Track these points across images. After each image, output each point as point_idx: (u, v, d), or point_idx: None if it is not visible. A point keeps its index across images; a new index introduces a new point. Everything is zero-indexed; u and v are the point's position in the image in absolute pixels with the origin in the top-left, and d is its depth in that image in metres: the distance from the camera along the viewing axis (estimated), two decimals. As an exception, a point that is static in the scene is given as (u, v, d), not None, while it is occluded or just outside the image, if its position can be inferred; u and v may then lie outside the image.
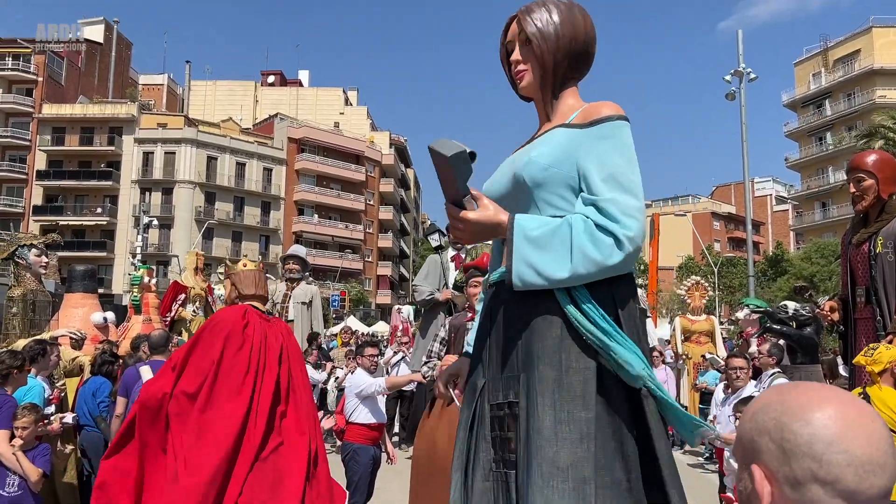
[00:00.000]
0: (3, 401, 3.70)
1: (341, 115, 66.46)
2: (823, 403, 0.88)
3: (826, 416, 0.87)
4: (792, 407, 0.89)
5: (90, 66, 57.86)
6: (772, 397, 0.93)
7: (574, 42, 1.94)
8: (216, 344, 3.29)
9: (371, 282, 61.97)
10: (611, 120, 1.80)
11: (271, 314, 3.79)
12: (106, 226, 51.09)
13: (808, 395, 0.90)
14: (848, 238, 4.31)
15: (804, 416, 0.88)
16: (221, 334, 3.33)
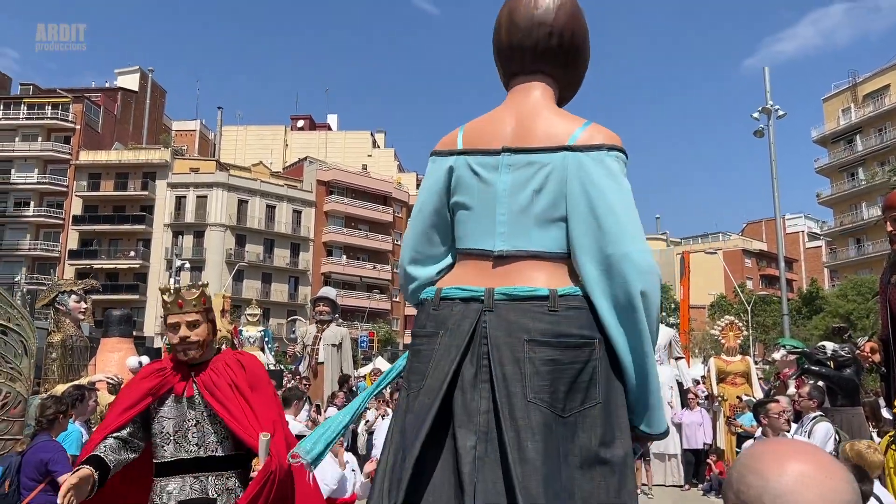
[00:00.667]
0: (54, 448, 3.75)
1: (369, 158, 67.35)
2: (785, 458, 0.88)
3: (782, 470, 0.86)
4: (756, 460, 0.90)
5: (125, 113, 59.60)
6: (748, 450, 0.94)
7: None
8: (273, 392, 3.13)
9: (399, 322, 61.94)
10: None
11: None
12: (139, 269, 51.92)
13: (775, 450, 0.90)
14: (886, 277, 4.24)
15: (761, 470, 0.88)
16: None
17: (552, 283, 1.72)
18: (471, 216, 1.83)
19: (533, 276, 1.73)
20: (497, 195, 1.78)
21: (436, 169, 1.89)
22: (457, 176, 1.85)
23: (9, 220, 51.87)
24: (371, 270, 59.59)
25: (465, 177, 1.84)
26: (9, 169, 52.39)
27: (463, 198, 1.84)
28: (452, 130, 1.92)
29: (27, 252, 51.35)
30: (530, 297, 1.69)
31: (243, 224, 53.36)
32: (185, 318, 2.84)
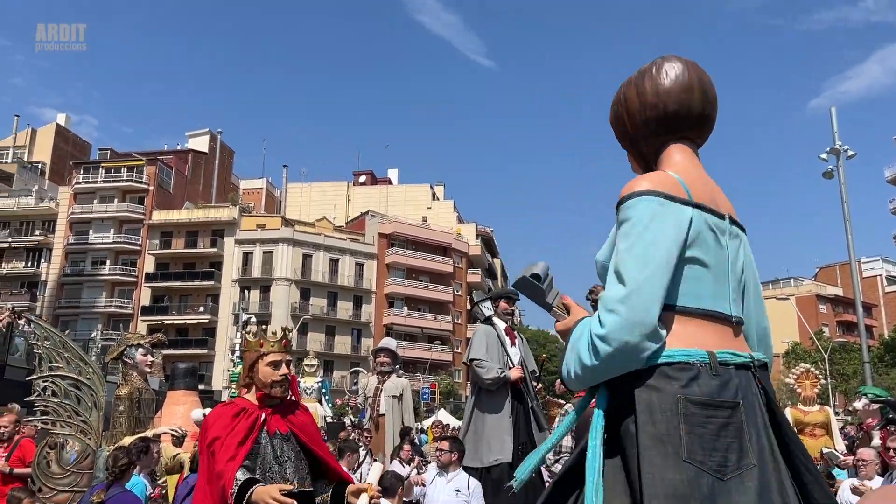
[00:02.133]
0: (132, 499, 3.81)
1: (429, 210, 68.10)
2: None
3: None
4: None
5: (196, 173, 62.15)
6: (869, 499, 0.92)
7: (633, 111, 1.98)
8: None
9: (461, 373, 61.48)
10: (625, 201, 1.75)
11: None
12: (207, 324, 53.25)
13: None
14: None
15: None
16: None
17: None
18: (709, 275, 1.74)
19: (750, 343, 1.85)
20: (728, 260, 1.79)
21: (674, 214, 1.70)
22: (695, 229, 1.73)
23: (87, 279, 54.20)
24: (432, 321, 59.61)
25: (704, 232, 1.75)
26: (87, 230, 55.03)
27: (700, 254, 1.73)
28: (657, 172, 1.82)
29: (103, 309, 53.39)
30: (766, 364, 1.79)
31: (307, 278, 54.34)
32: (286, 356, 3.10)
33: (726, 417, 1.59)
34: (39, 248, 55.23)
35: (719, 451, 1.56)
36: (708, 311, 1.72)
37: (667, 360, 1.64)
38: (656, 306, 1.63)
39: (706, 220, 1.75)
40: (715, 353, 1.65)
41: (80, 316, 53.20)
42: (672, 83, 1.86)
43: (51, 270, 54.49)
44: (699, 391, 1.60)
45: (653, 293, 1.63)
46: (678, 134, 1.90)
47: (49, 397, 5.39)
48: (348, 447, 6.36)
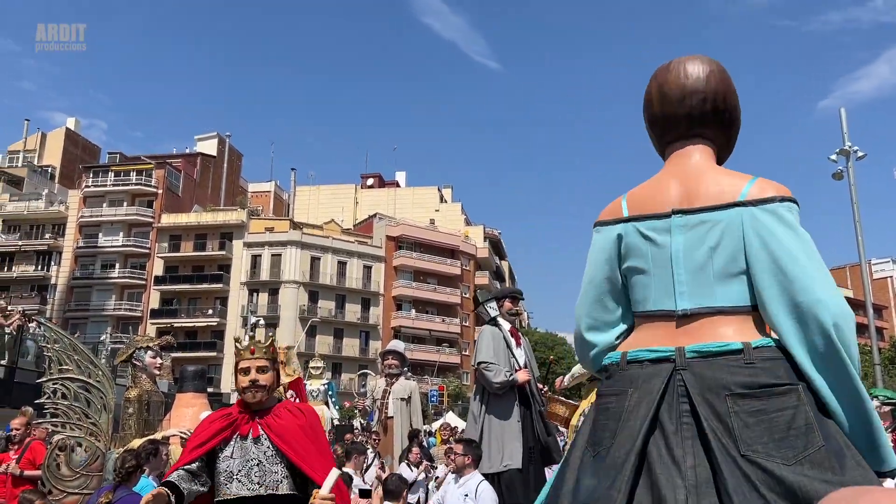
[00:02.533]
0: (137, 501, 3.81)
1: (436, 212, 68.16)
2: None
3: None
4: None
5: (204, 177, 62.42)
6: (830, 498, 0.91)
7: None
8: None
9: (469, 376, 61.45)
10: None
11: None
12: (216, 326, 53.42)
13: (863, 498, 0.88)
14: None
15: None
16: None
17: (743, 336, 1.74)
18: (648, 279, 1.88)
19: (721, 331, 1.76)
20: (672, 256, 1.84)
21: (602, 238, 1.97)
22: (626, 243, 1.92)
23: (96, 282, 54.50)
24: (440, 324, 59.62)
25: (635, 242, 1.91)
26: (96, 233, 55.34)
27: (636, 262, 1.90)
28: (613, 200, 2.01)
29: (112, 312, 53.64)
30: (723, 352, 1.72)
31: (316, 280, 54.45)
32: (256, 363, 3.11)
33: (608, 403, 1.81)
34: (49, 252, 55.56)
35: (599, 430, 1.79)
36: (648, 311, 1.88)
37: (603, 364, 1.96)
38: (583, 321, 2.01)
39: (637, 229, 1.91)
40: (627, 353, 1.86)
41: (90, 319, 53.48)
42: (644, 101, 2.07)
43: (60, 273, 54.81)
44: (603, 387, 1.89)
45: (581, 310, 2.02)
46: (665, 139, 2.04)
47: (59, 400, 5.42)
48: (355, 449, 6.36)
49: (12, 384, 14.25)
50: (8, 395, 13.55)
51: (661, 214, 1.88)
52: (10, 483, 6.60)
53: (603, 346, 1.98)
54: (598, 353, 1.99)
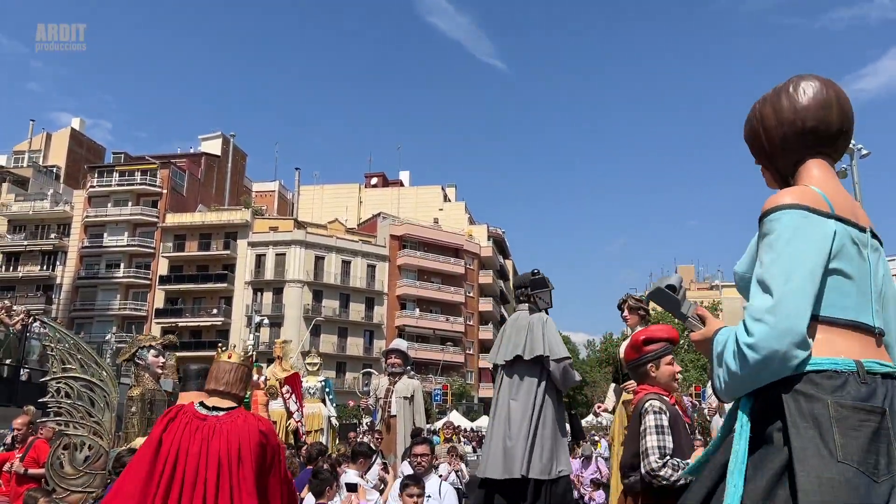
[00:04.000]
0: None
1: (440, 212, 68.20)
2: None
3: None
4: None
5: (209, 176, 62.52)
6: None
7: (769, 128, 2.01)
8: None
9: (473, 375, 61.46)
10: (768, 214, 1.79)
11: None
12: (221, 326, 53.53)
13: None
14: None
15: None
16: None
17: None
18: (853, 286, 1.77)
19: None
20: (870, 272, 1.81)
21: (819, 227, 1.75)
22: (840, 242, 1.78)
23: (101, 281, 54.66)
24: (444, 323, 59.64)
25: (847, 245, 1.79)
26: (101, 233, 55.49)
27: (844, 266, 1.77)
28: (802, 188, 1.85)
29: (117, 312, 53.81)
30: None
31: (320, 280, 54.53)
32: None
33: (877, 423, 1.62)
34: (54, 252, 55.73)
35: (872, 454, 1.60)
36: (852, 321, 1.75)
37: (815, 368, 1.68)
38: (804, 316, 1.68)
39: (849, 232, 1.79)
40: (862, 362, 1.69)
41: (95, 318, 53.64)
42: (810, 101, 1.91)
43: (66, 273, 54.98)
44: (850, 397, 1.64)
45: (799, 303, 1.68)
46: (815, 149, 1.93)
47: (62, 398, 5.44)
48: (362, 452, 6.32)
49: (17, 383, 14.31)
50: (13, 394, 13.61)
51: (861, 227, 1.83)
52: (15, 481, 6.63)
53: (810, 349, 1.71)
54: (806, 359, 1.69)
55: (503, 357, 5.45)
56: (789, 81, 1.96)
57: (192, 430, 3.20)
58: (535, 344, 5.21)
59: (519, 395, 5.31)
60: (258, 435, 3.24)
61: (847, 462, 1.59)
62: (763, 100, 2.00)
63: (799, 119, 1.90)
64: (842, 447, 1.60)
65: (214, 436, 3.19)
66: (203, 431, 3.20)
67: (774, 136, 1.96)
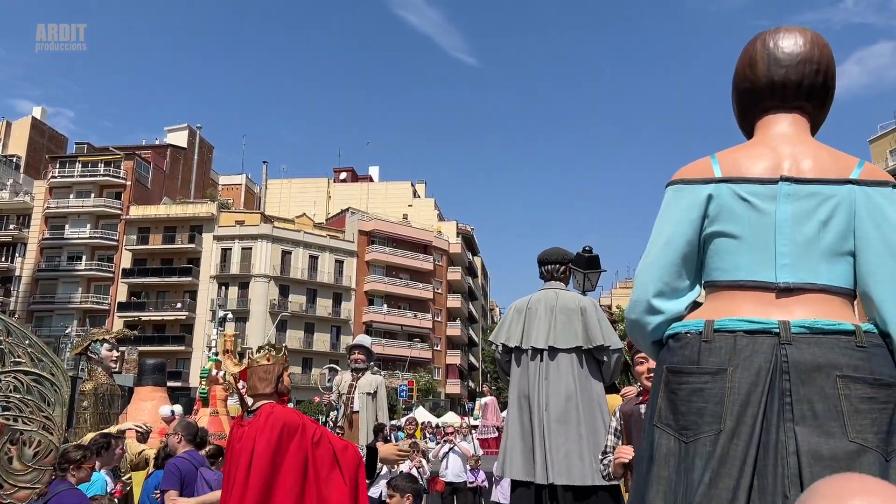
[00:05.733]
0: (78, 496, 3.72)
1: (410, 208, 68.08)
2: (853, 494, 0.84)
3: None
4: (824, 494, 0.86)
5: (174, 168, 61.55)
6: (818, 485, 0.90)
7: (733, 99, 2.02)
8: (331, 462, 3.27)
9: (440, 371, 61.52)
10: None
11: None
12: (185, 320, 52.81)
13: (847, 485, 0.86)
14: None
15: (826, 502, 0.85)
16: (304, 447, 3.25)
17: (847, 318, 1.64)
18: (740, 246, 1.74)
19: (828, 309, 1.65)
20: (777, 225, 1.71)
21: (687, 196, 1.79)
22: (718, 204, 1.77)
23: (62, 274, 53.53)
24: (412, 319, 59.60)
25: (730, 205, 1.76)
26: (63, 225, 54.33)
27: (727, 227, 1.75)
28: (699, 160, 1.87)
29: (78, 305, 52.74)
30: (835, 331, 1.61)
31: (287, 275, 54.08)
32: None
33: (702, 383, 1.62)
34: (14, 243, 54.42)
35: (686, 414, 1.62)
36: (738, 281, 1.72)
37: (671, 333, 1.77)
38: (653, 285, 1.78)
39: (734, 191, 1.75)
40: (713, 322, 1.68)
41: (55, 312, 52.53)
42: (742, 63, 1.92)
43: (25, 265, 53.73)
44: (679, 360, 1.69)
45: (651, 273, 1.79)
46: (758, 107, 1.91)
47: (11, 393, 5.30)
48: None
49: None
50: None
51: (766, 180, 1.75)
52: (-38, 478, 6.45)
53: (670, 315, 1.79)
54: (661, 323, 1.80)
55: (551, 341, 4.46)
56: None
57: None
58: (594, 332, 4.42)
59: (574, 388, 4.40)
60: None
61: (658, 424, 1.67)
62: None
63: (737, 82, 1.94)
64: (660, 409, 1.68)
65: None
66: None
67: (733, 101, 2.00)
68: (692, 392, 1.63)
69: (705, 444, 1.57)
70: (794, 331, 1.61)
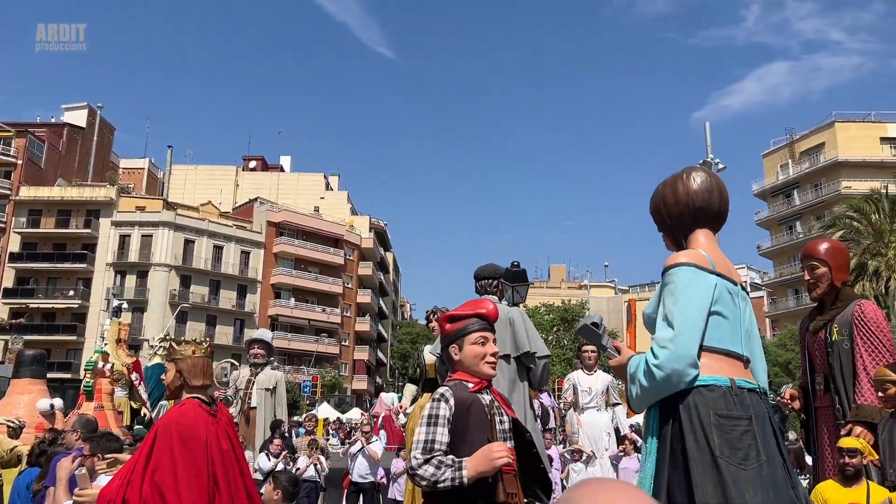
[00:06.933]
0: None
1: (322, 200, 67.13)
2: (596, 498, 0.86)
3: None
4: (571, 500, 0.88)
5: (71, 149, 58.29)
6: (568, 493, 0.92)
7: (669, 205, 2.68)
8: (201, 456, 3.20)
9: (347, 366, 61.04)
10: (668, 270, 2.44)
11: (214, 402, 3.57)
12: (78, 309, 50.26)
13: (592, 491, 0.88)
14: (805, 325, 4.30)
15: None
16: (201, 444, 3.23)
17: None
18: (727, 325, 2.43)
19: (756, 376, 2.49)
20: (740, 315, 2.48)
21: (706, 280, 2.42)
22: (719, 290, 2.44)
23: (-59, 255, 49.89)
24: (320, 314, 58.85)
25: (724, 294, 2.45)
26: (-57, 203, 50.62)
27: (723, 309, 2.43)
28: (692, 251, 2.52)
29: (-41, 290, 49.31)
30: (766, 391, 2.47)
31: (189, 264, 52.34)
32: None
33: (745, 426, 2.26)
34: None
35: (741, 449, 2.23)
36: (727, 350, 2.41)
37: (702, 384, 2.31)
38: (696, 344, 2.32)
39: (725, 285, 2.45)
40: (735, 380, 2.34)
41: (-68, 297, 48.93)
42: (698, 186, 2.58)
43: None
44: (724, 407, 2.27)
45: (692, 335, 2.32)
46: (702, 223, 2.61)
47: None
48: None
49: None
50: None
51: (734, 281, 2.50)
52: None
53: (699, 369, 2.35)
54: (697, 375, 2.33)
55: None
56: (683, 171, 2.63)
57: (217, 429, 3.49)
58: (521, 339, 4.79)
59: (506, 394, 4.64)
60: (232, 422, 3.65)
61: (722, 457, 2.21)
62: (664, 184, 2.64)
63: (691, 200, 2.57)
64: (717, 446, 2.22)
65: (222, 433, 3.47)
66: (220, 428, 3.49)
67: (673, 212, 2.62)
68: (742, 433, 2.27)
69: (758, 471, 2.23)
70: (762, 392, 2.42)
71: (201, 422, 3.29)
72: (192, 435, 3.20)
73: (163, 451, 3.13)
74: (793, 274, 51.87)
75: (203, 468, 3.17)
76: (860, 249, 27.60)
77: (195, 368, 3.48)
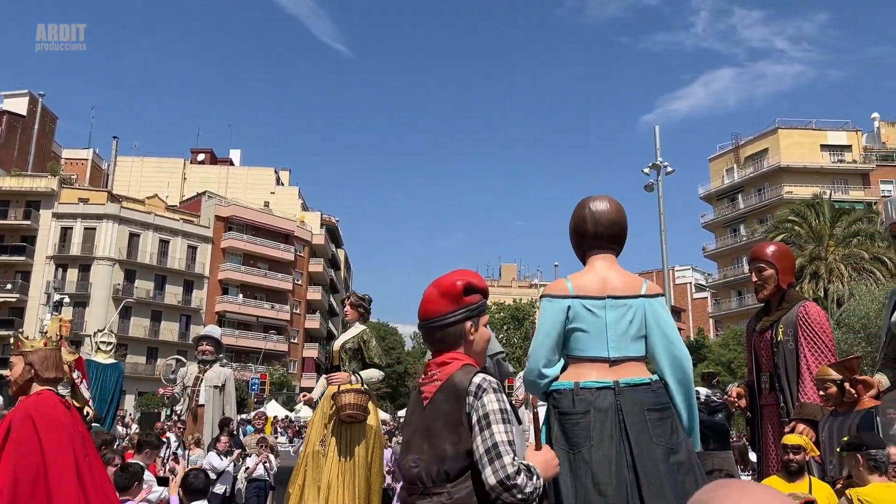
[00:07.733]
0: None
1: (272, 195, 66.20)
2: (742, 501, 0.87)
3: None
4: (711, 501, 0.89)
5: (10, 138, 56.18)
6: (701, 495, 0.92)
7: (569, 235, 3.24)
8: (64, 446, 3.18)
9: (296, 364, 60.37)
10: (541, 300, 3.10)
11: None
12: (15, 303, 48.57)
13: (733, 494, 0.88)
14: (752, 325, 4.43)
15: None
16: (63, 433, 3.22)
17: (646, 374, 2.91)
18: (587, 336, 2.92)
19: (637, 371, 2.89)
20: (607, 324, 2.91)
21: (555, 306, 2.95)
22: (574, 312, 2.93)
23: None
24: (269, 310, 58.08)
25: (581, 312, 2.93)
26: None
27: (579, 325, 2.92)
28: (558, 281, 3.08)
29: None
30: (642, 384, 2.87)
31: (133, 259, 51.08)
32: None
33: (579, 419, 2.79)
34: None
35: (572, 437, 2.79)
36: (589, 356, 2.91)
37: (554, 389, 2.93)
38: (541, 360, 2.93)
39: (583, 304, 2.92)
40: (579, 383, 2.86)
41: None
42: (576, 216, 3.11)
43: None
44: (566, 406, 2.85)
45: (539, 353, 2.94)
46: (588, 246, 3.09)
47: None
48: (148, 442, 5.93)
49: None
50: None
51: (599, 297, 2.93)
52: None
53: (551, 377, 2.94)
54: (547, 383, 2.95)
55: None
56: (579, 202, 3.13)
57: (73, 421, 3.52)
58: None
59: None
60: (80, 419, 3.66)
61: (556, 445, 2.78)
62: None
63: (573, 229, 3.13)
64: (556, 436, 2.84)
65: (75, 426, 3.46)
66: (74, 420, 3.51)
67: (571, 240, 3.18)
68: (575, 423, 2.80)
69: (584, 454, 2.75)
70: (622, 385, 2.84)
71: (61, 411, 3.31)
72: (56, 422, 3.24)
73: (27, 439, 3.14)
74: (736, 276, 53.34)
75: (70, 455, 3.20)
76: (801, 253, 28.50)
77: (47, 361, 3.45)
